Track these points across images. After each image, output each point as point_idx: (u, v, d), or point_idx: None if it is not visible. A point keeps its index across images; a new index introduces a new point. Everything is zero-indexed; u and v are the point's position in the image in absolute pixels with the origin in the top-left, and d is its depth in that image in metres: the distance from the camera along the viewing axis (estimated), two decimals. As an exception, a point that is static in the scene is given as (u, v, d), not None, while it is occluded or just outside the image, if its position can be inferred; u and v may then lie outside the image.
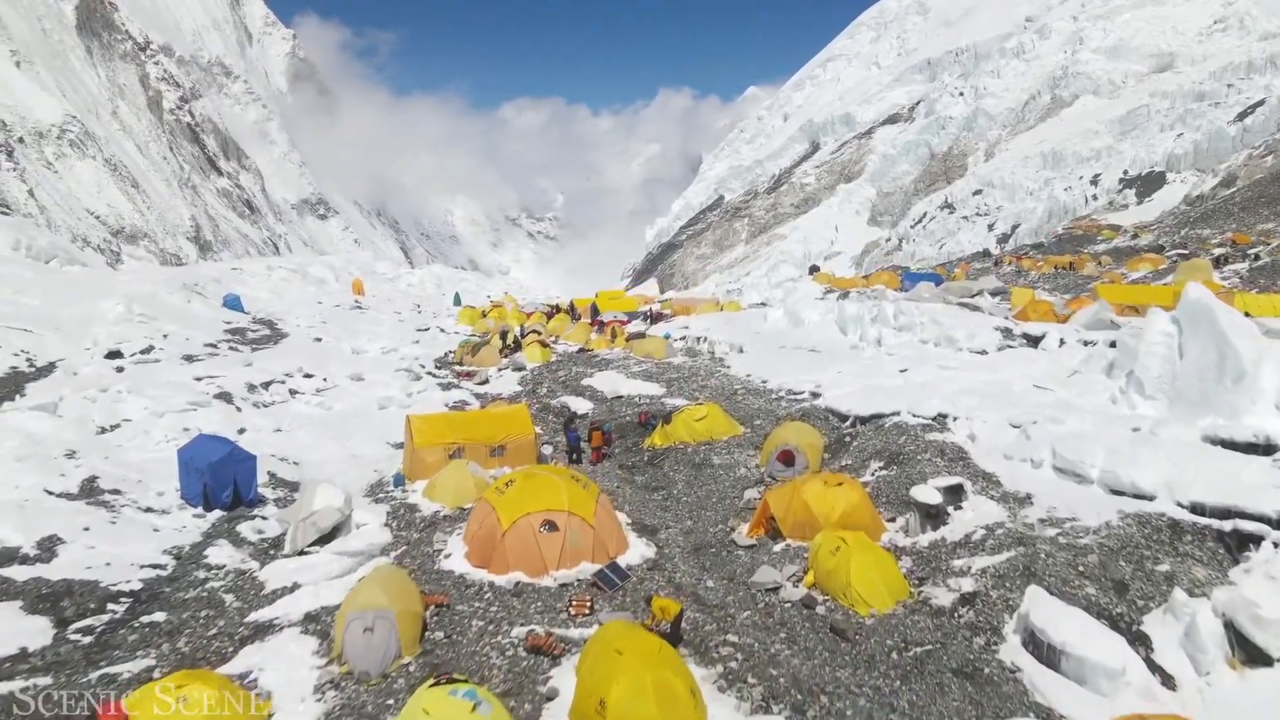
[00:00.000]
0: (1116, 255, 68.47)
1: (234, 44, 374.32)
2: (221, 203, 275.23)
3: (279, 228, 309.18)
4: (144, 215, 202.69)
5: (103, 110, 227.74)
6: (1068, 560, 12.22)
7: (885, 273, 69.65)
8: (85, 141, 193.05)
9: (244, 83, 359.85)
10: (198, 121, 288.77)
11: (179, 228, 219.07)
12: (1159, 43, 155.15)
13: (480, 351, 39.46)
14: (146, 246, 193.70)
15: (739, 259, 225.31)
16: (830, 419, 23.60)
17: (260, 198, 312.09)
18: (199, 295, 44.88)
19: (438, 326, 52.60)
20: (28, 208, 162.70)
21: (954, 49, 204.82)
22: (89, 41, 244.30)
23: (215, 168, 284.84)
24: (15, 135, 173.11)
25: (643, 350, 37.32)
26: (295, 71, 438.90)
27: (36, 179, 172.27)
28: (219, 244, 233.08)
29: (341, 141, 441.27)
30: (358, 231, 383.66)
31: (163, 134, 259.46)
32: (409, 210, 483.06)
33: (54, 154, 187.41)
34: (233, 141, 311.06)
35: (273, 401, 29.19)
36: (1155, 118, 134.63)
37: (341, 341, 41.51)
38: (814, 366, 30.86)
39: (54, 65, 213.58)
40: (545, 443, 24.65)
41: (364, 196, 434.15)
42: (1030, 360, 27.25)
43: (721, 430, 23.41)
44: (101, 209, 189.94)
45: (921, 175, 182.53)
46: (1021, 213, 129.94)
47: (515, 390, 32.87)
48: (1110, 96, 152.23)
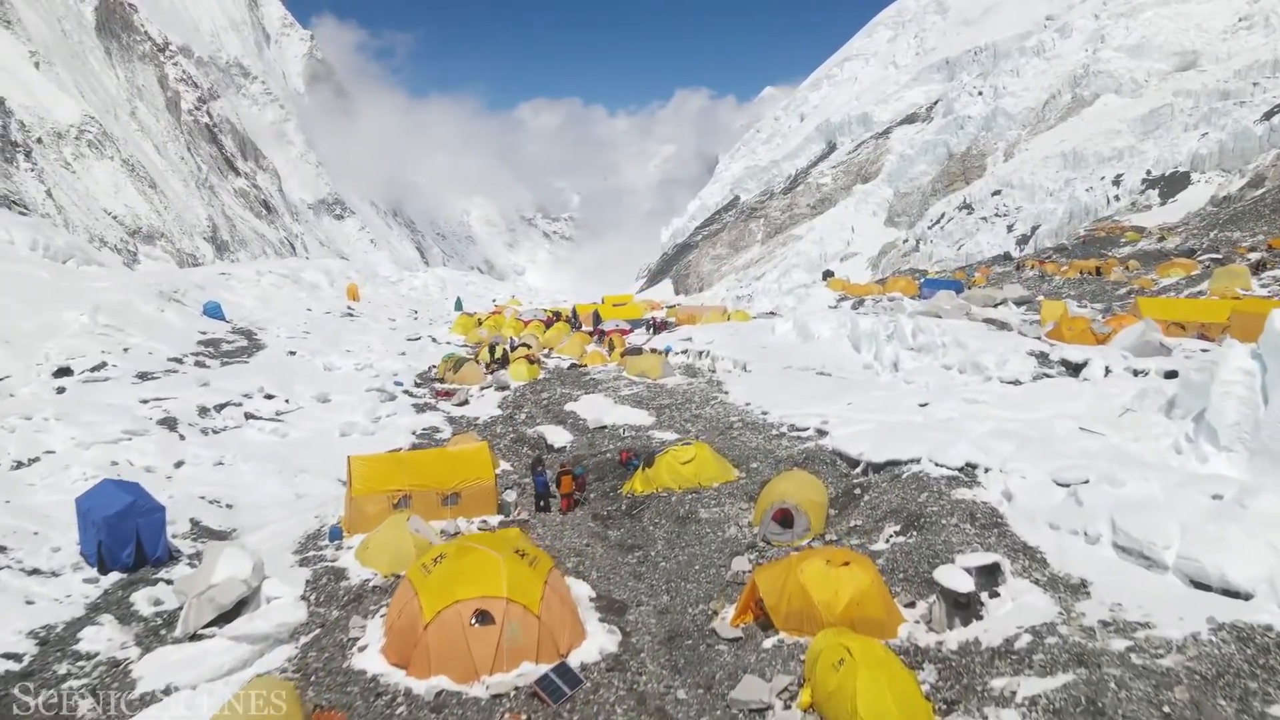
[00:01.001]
0: (1144, 259, 64.97)
1: (252, 45, 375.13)
2: (239, 203, 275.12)
3: (296, 228, 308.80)
4: (161, 215, 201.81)
5: (121, 111, 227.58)
6: (1147, 695, 9.08)
7: (902, 278, 66.29)
8: (103, 142, 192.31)
9: (262, 83, 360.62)
10: (215, 122, 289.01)
11: (196, 228, 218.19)
12: (1182, 41, 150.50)
13: (463, 368, 36.63)
14: (163, 246, 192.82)
15: (754, 260, 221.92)
16: (838, 464, 20.29)
17: (277, 198, 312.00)
18: (176, 303, 42.40)
19: (429, 336, 50.04)
20: (45, 208, 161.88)
21: (973, 48, 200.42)
22: (108, 42, 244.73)
23: (233, 168, 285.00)
24: (34, 136, 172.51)
25: (636, 368, 34.43)
26: (313, 72, 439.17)
27: (55, 179, 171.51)
28: (236, 244, 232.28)
29: (358, 142, 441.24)
30: (374, 232, 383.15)
31: (181, 134, 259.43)
32: (425, 210, 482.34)
33: (72, 154, 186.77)
34: (250, 142, 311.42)
35: (224, 427, 26.63)
36: (1179, 117, 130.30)
37: (316, 356, 38.87)
38: (821, 396, 27.53)
39: (73, 66, 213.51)
40: (514, 484, 21.92)
41: (380, 197, 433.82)
42: (1072, 394, 23.34)
43: (711, 475, 20.25)
44: (119, 209, 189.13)
45: (939, 175, 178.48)
46: (1041, 214, 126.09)
47: (493, 415, 30.25)
48: (1132, 95, 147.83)
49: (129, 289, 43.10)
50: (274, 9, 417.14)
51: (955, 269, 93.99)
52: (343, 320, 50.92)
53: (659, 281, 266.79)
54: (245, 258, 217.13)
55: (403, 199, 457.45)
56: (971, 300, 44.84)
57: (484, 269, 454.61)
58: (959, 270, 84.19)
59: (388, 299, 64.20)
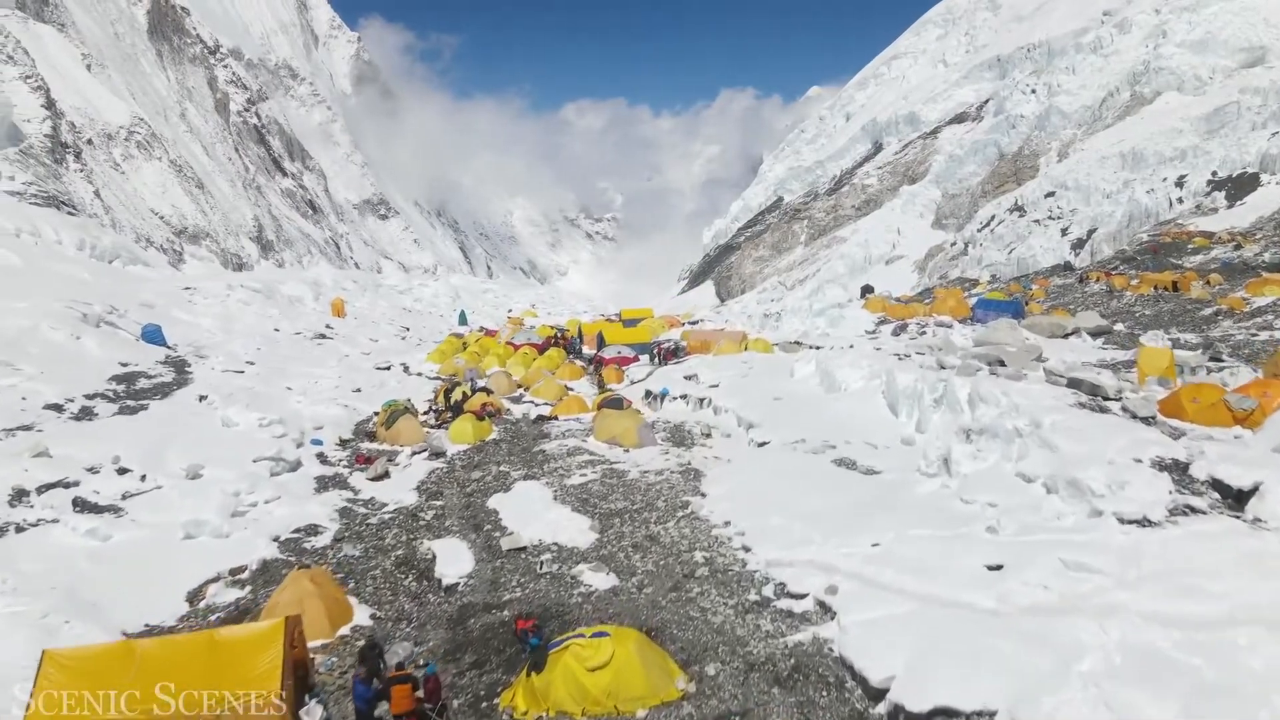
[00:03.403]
0: (1227, 273, 58.04)
1: (301, 47, 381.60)
2: (285, 203, 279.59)
3: (341, 227, 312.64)
4: (207, 215, 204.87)
5: (171, 112, 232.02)
6: None
7: (951, 296, 59.84)
8: (152, 143, 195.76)
9: (310, 85, 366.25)
10: (264, 123, 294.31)
11: (242, 227, 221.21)
12: (1249, 36, 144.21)
13: (397, 423, 29.64)
14: (208, 246, 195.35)
15: (797, 262, 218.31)
16: (846, 689, 12.82)
17: (323, 198, 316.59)
18: (109, 326, 37.93)
19: (403, 364, 44.51)
20: (93, 208, 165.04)
21: (1026, 45, 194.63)
22: (160, 45, 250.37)
23: (280, 168, 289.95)
24: (84, 137, 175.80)
25: (608, 432, 27.94)
26: (359, 74, 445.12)
27: (103, 179, 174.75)
28: (281, 244, 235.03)
29: (403, 143, 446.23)
30: (417, 231, 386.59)
31: (229, 135, 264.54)
32: (468, 211, 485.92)
33: (121, 155, 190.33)
34: (297, 142, 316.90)
35: (38, 520, 20.24)
36: (1246, 115, 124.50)
37: (230, 403, 31.73)
38: (835, 516, 19.08)
39: (125, 69, 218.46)
40: (323, 692, 14.27)
41: (424, 197, 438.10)
42: (1255, 559, 13.54)
43: (634, 693, 13.00)
44: (165, 209, 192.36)
45: (989, 176, 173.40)
46: (1099, 216, 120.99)
47: (401, 501, 24.13)
48: (1195, 93, 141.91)
49: (47, 312, 37.41)
50: (323, 11, 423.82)
51: (1010, 280, 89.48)
52: (309, 344, 46.16)
53: (700, 283, 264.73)
54: (291, 257, 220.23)
55: (446, 199, 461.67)
56: (1035, 329, 37.58)
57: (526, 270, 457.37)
58: (1014, 283, 79.27)
59: (383, 313, 60.24)
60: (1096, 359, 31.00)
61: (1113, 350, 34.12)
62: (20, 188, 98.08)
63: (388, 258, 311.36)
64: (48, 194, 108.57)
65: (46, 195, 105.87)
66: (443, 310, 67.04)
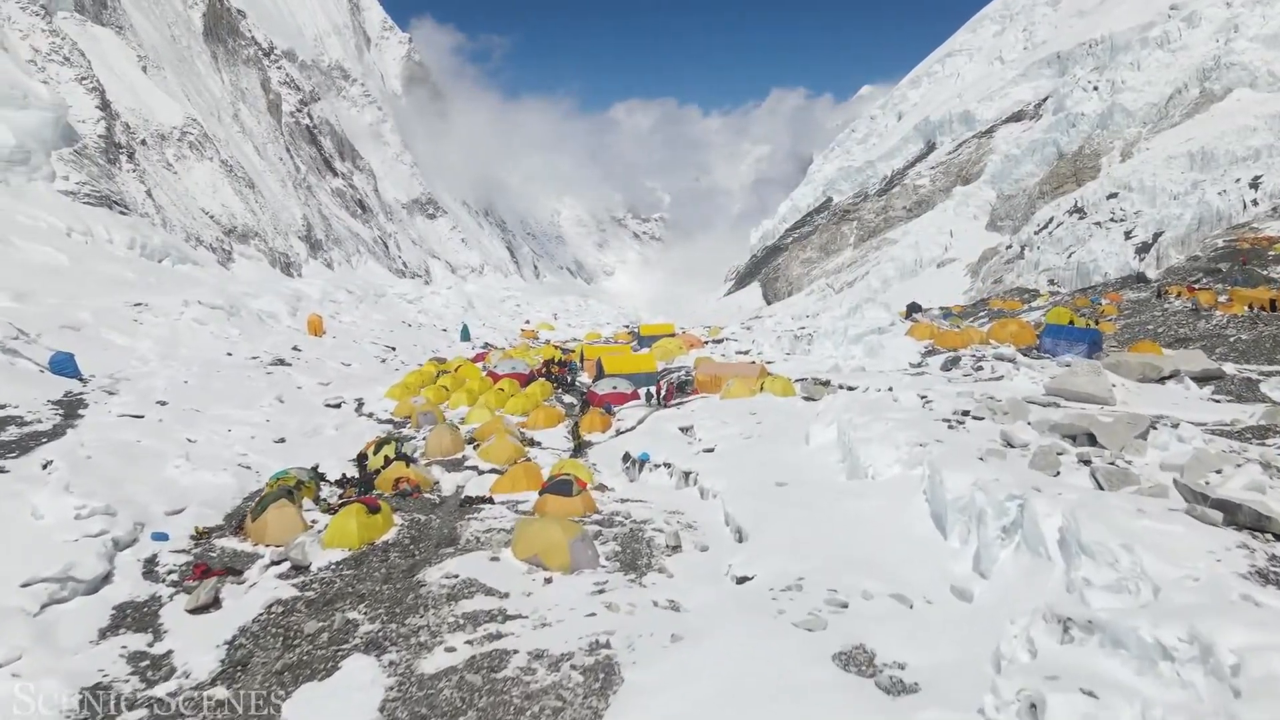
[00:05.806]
0: None
1: (353, 48, 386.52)
2: (335, 202, 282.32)
3: (389, 226, 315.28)
4: (256, 215, 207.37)
5: (224, 113, 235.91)
6: None
7: (1012, 321, 47.77)
8: (204, 143, 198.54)
9: (361, 85, 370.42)
10: (316, 123, 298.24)
11: (291, 227, 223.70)
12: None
13: (267, 512, 19.84)
14: (257, 245, 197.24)
15: (846, 264, 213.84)
16: None
17: (372, 197, 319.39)
18: (10, 354, 30.69)
19: (358, 400, 37.01)
20: (145, 208, 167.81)
21: (1087, 40, 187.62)
22: (215, 47, 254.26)
23: (330, 168, 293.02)
24: (138, 138, 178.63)
25: (528, 548, 17.73)
26: (410, 74, 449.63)
27: (155, 179, 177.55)
28: (330, 243, 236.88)
29: (452, 143, 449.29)
30: (465, 231, 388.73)
31: (281, 136, 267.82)
32: (516, 210, 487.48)
33: (174, 155, 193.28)
34: (348, 143, 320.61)
35: None
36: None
37: (34, 494, 19.01)
38: None
39: (180, 70, 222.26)
40: None
41: (472, 196, 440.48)
42: None
43: None
44: (215, 209, 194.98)
45: (1048, 177, 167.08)
46: (1165, 219, 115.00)
47: (193, 676, 13.45)
48: (1270, 89, 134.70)
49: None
50: (375, 13, 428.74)
51: (1074, 293, 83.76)
52: (257, 373, 38.68)
53: (747, 284, 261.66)
54: (339, 256, 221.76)
55: (494, 199, 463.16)
56: (1121, 370, 28.22)
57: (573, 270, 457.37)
58: (1080, 296, 71.69)
59: (371, 329, 55.17)
60: (1213, 421, 21.80)
61: (1226, 402, 24.96)
62: (74, 187, 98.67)
63: (435, 257, 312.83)
64: (100, 193, 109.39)
65: (99, 195, 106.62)
66: (448, 323, 61.66)
